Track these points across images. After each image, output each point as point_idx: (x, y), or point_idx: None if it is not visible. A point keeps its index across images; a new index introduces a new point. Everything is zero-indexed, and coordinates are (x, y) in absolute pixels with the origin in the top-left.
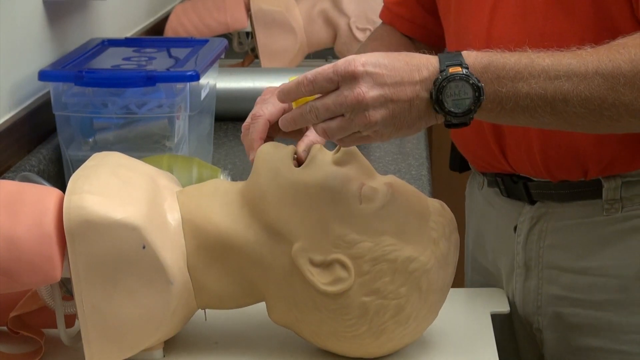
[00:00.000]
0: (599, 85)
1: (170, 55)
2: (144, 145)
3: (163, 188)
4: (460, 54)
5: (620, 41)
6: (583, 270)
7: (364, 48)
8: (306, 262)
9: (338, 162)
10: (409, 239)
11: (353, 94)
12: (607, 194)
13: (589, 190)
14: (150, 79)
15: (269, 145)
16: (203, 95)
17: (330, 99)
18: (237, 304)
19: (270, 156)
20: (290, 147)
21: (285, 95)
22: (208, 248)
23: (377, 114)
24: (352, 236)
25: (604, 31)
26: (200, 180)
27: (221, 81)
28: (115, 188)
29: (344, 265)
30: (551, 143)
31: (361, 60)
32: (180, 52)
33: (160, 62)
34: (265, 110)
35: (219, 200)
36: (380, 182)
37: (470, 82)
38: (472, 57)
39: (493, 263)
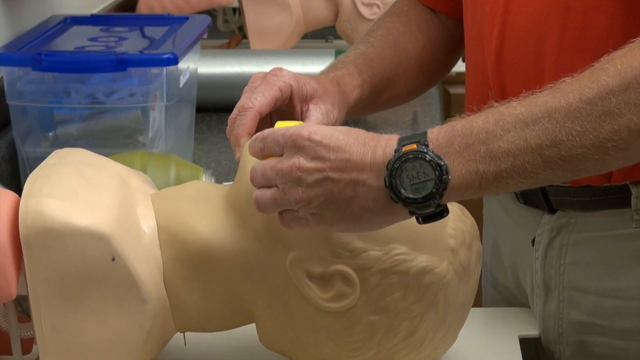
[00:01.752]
0: (588, 114)
1: (143, 35)
2: (113, 140)
3: (136, 190)
4: (425, 132)
5: (605, 57)
6: (608, 292)
7: (378, 24)
8: (303, 275)
9: None
10: (423, 247)
11: (290, 162)
12: (637, 202)
13: (615, 197)
14: (121, 63)
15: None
16: (182, 82)
17: (269, 164)
18: (222, 326)
19: None
20: None
21: (249, 149)
22: (188, 260)
23: (311, 192)
24: (357, 244)
25: (637, 8)
26: (179, 181)
27: (203, 65)
28: (79, 190)
29: (347, 278)
30: None
31: (310, 128)
32: (155, 32)
33: (132, 44)
34: (255, 101)
35: (200, 205)
36: None
37: (428, 159)
38: (434, 133)
39: (513, 281)
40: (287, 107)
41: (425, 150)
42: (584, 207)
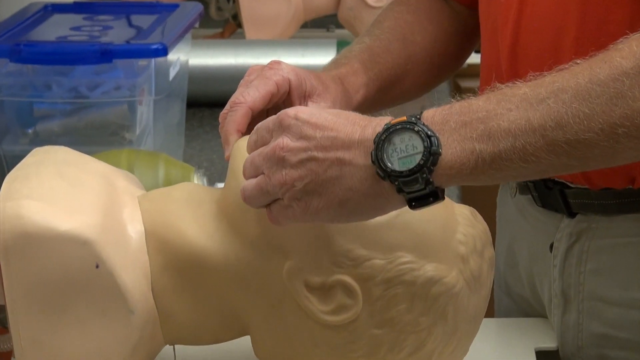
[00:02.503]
0: (597, 95)
1: (130, 24)
2: (98, 137)
3: (122, 192)
4: (421, 112)
5: (622, 39)
6: (632, 303)
7: (385, 15)
8: (301, 285)
9: None
10: (430, 255)
11: (274, 143)
12: None
13: (639, 200)
14: (106, 54)
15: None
16: (172, 74)
17: (258, 151)
18: (214, 339)
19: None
20: None
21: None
22: (178, 268)
23: (295, 173)
24: (359, 252)
25: None
26: (168, 181)
27: (195, 57)
28: (61, 192)
29: (349, 289)
30: None
31: (297, 108)
32: (143, 20)
33: (117, 33)
34: (247, 96)
35: (192, 208)
36: None
37: (416, 129)
38: (430, 112)
39: (529, 289)
40: (284, 104)
41: (415, 122)
42: (605, 210)
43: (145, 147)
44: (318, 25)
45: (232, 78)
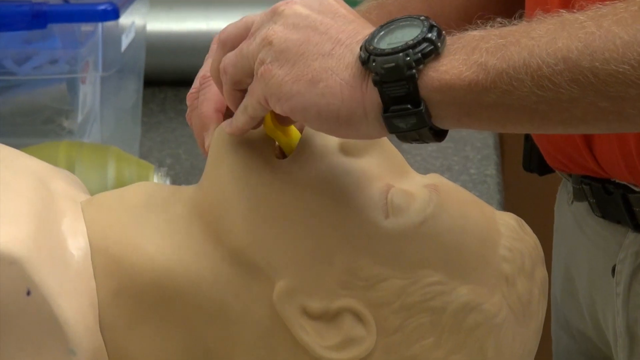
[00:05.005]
0: None
1: None
2: (28, 126)
3: (60, 197)
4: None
5: None
6: None
7: None
8: (297, 313)
9: (349, 150)
10: (466, 274)
11: (282, 2)
12: None
13: None
14: (38, 17)
15: None
16: (124, 44)
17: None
18: None
19: None
20: None
21: None
22: (135, 294)
23: (281, 32)
24: (373, 269)
25: None
26: (120, 183)
27: (154, 20)
28: None
29: (358, 317)
30: None
31: None
32: None
33: None
34: None
35: (153, 215)
36: (418, 183)
37: (422, 18)
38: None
39: (592, 325)
40: None
41: (425, 18)
42: None
43: (90, 139)
44: None
45: (202, 49)
